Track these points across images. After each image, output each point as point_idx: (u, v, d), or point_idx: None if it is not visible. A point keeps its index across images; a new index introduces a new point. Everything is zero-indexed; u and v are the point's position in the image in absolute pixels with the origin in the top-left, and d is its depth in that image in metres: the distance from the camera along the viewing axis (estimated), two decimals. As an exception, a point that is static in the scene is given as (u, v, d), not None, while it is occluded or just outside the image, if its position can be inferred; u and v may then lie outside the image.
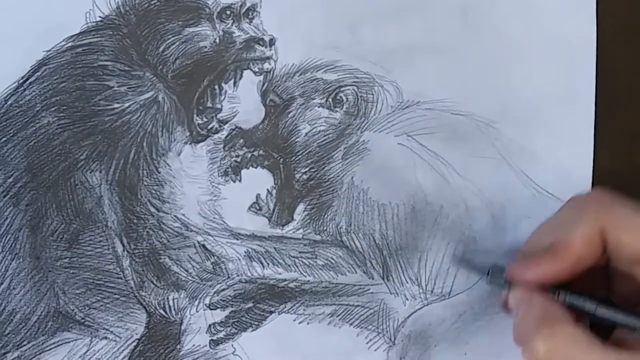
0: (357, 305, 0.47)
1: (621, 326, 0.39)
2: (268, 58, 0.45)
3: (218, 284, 0.46)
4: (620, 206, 0.39)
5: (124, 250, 0.44)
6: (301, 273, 0.47)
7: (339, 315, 0.47)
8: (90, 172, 0.44)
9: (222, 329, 0.46)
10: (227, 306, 0.46)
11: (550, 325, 0.38)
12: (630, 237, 0.39)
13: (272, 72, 0.45)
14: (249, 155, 0.45)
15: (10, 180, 0.43)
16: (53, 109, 0.43)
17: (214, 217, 0.45)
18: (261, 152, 0.45)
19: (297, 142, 0.46)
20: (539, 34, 0.47)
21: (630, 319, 0.39)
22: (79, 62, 0.43)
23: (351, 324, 0.47)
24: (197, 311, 0.46)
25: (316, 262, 0.47)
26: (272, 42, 0.45)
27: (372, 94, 0.46)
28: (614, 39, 0.47)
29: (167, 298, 0.45)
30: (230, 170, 0.45)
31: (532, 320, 0.40)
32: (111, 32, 0.43)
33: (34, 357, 0.44)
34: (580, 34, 0.47)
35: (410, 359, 0.48)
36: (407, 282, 0.47)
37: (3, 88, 0.42)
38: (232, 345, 0.46)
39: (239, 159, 0.45)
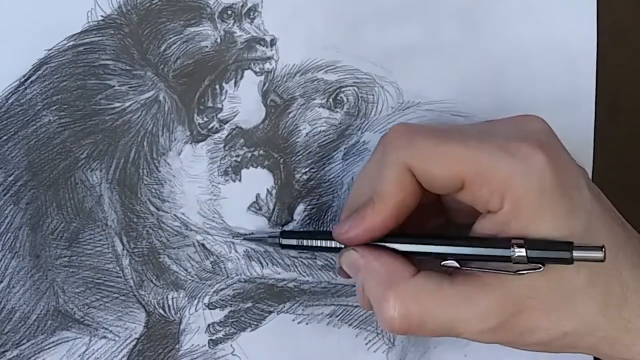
0: (357, 306, 0.47)
1: (462, 259, 0.37)
2: (269, 58, 0.45)
3: (217, 283, 0.46)
4: (420, 137, 0.37)
5: (123, 249, 0.44)
6: (300, 273, 0.47)
7: (338, 316, 0.47)
8: (91, 171, 0.44)
9: (221, 328, 0.46)
10: (226, 306, 0.46)
11: (393, 286, 0.37)
12: (437, 168, 0.36)
13: (273, 72, 0.45)
14: (249, 155, 0.45)
15: (11, 178, 0.43)
16: (54, 107, 0.43)
17: (214, 217, 0.45)
18: (261, 152, 0.45)
19: (297, 142, 0.46)
20: (540, 36, 0.47)
21: (464, 250, 0.37)
22: (80, 61, 0.43)
23: (350, 325, 0.47)
24: (196, 311, 0.46)
25: (315, 262, 0.47)
26: (273, 42, 0.45)
27: (373, 95, 0.46)
28: (614, 40, 0.47)
29: (167, 297, 0.45)
30: (230, 169, 0.45)
31: (375, 284, 0.38)
32: (113, 32, 0.43)
33: (33, 355, 0.44)
34: (580, 35, 0.47)
35: (409, 360, 0.48)
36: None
37: (4, 86, 0.42)
38: (231, 345, 0.46)
39: (239, 159, 0.45)
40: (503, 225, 0.36)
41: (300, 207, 0.46)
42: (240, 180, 0.45)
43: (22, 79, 0.42)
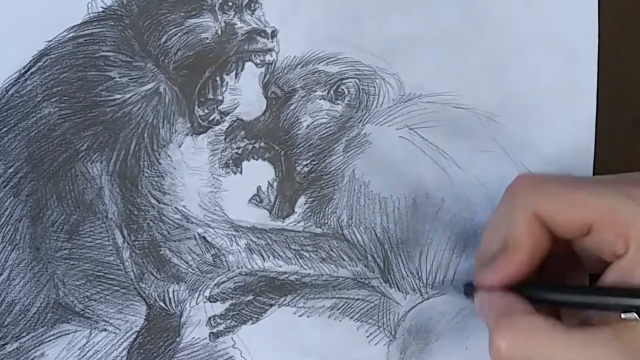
0: (358, 299, 0.47)
1: (584, 307, 0.38)
2: (270, 50, 0.45)
3: (218, 276, 0.46)
4: (547, 185, 0.38)
5: (124, 242, 0.44)
6: (302, 266, 0.46)
7: (339, 309, 0.47)
8: (91, 163, 0.43)
9: (222, 321, 0.46)
10: (227, 299, 0.46)
11: (507, 318, 0.38)
12: (564, 215, 0.37)
13: (273, 64, 0.45)
14: (250, 147, 0.45)
15: (11, 170, 0.42)
16: (54, 99, 0.43)
17: (215, 209, 0.45)
18: (262, 144, 0.45)
19: (298, 134, 0.46)
20: (541, 28, 0.47)
21: (589, 299, 0.38)
22: (80, 52, 0.43)
23: (351, 318, 0.47)
24: (197, 303, 0.45)
25: (317, 255, 0.47)
26: (274, 34, 0.44)
27: (374, 87, 0.46)
28: (616, 32, 0.47)
29: (167, 290, 0.45)
30: (231, 162, 0.45)
31: (491, 318, 0.39)
32: (113, 23, 0.43)
33: (33, 348, 0.43)
34: (582, 27, 0.47)
35: (411, 353, 0.47)
36: (408, 276, 0.47)
37: (4, 78, 0.42)
38: (232, 337, 0.46)
39: (239, 151, 0.45)
40: (628, 270, 0.36)
41: (302, 200, 0.46)
42: (241, 172, 0.45)
43: (22, 71, 0.42)
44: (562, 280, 0.42)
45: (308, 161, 0.46)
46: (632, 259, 0.36)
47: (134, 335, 0.45)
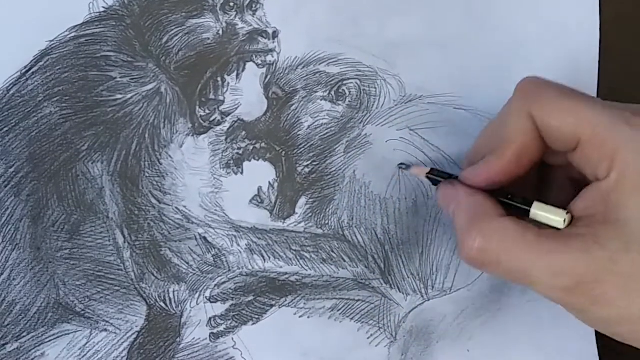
0: (358, 300, 0.47)
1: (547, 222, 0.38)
2: (271, 50, 0.45)
3: (219, 276, 0.46)
4: (546, 90, 0.38)
5: (124, 242, 0.44)
6: (302, 267, 0.46)
7: (339, 310, 0.47)
8: (92, 163, 0.43)
9: (222, 322, 0.46)
10: (227, 299, 0.46)
11: (480, 220, 0.38)
12: (557, 121, 0.37)
13: (274, 65, 0.45)
14: (251, 147, 0.45)
15: (12, 170, 0.42)
16: (55, 99, 0.43)
17: (216, 210, 0.45)
18: (263, 144, 0.45)
19: (299, 135, 0.46)
20: (542, 28, 0.47)
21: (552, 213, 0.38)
22: (81, 52, 0.43)
23: (352, 319, 0.47)
24: (197, 304, 0.45)
25: (318, 256, 0.46)
26: (275, 34, 0.45)
27: (375, 88, 0.46)
28: (617, 32, 0.47)
29: (168, 290, 0.45)
30: (232, 162, 0.45)
31: (463, 217, 0.39)
32: (114, 23, 0.43)
33: (34, 348, 0.43)
34: (583, 28, 0.47)
35: (412, 355, 0.47)
36: (409, 277, 0.47)
37: (5, 78, 0.42)
38: (232, 338, 0.46)
39: (240, 152, 0.45)
40: (604, 195, 0.36)
41: (302, 200, 0.46)
42: (242, 173, 0.45)
43: (24, 70, 0.42)
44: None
45: (309, 162, 0.46)
46: (610, 186, 0.36)
47: (134, 336, 0.45)
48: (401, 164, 0.45)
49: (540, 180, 0.42)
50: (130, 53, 0.43)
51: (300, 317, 0.46)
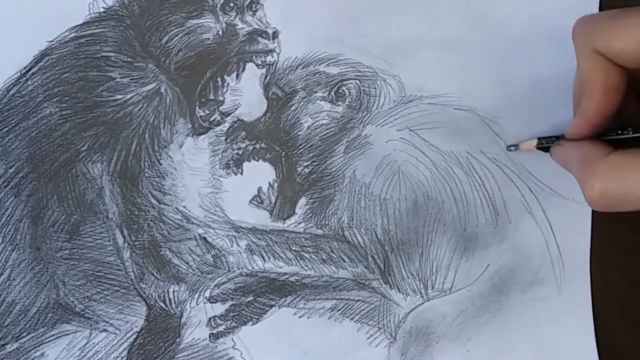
0: (358, 300, 0.47)
1: None
2: (271, 51, 0.45)
3: (218, 277, 0.46)
4: (598, 21, 0.39)
5: (124, 242, 0.44)
6: (302, 267, 0.46)
7: (339, 310, 0.47)
8: (92, 164, 0.43)
9: (222, 322, 0.46)
10: (227, 299, 0.46)
11: (592, 162, 0.38)
12: (620, 42, 0.37)
13: (274, 65, 0.45)
14: (251, 148, 0.45)
15: (12, 170, 0.42)
16: (55, 99, 0.43)
17: (215, 210, 0.45)
18: (263, 145, 0.45)
19: (299, 135, 0.46)
20: (542, 28, 0.47)
21: None
22: (81, 52, 0.43)
23: (352, 319, 0.47)
24: (197, 304, 0.45)
25: (317, 256, 0.46)
26: (275, 34, 0.45)
27: (375, 88, 0.46)
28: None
29: (168, 291, 0.45)
30: (231, 162, 0.45)
31: (576, 166, 0.40)
32: (114, 23, 0.43)
33: (33, 348, 0.43)
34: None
35: (411, 355, 0.47)
36: (408, 277, 0.47)
37: (5, 78, 0.42)
38: (232, 338, 0.46)
39: (240, 152, 0.45)
40: None
41: (302, 201, 0.46)
42: (241, 173, 0.45)
43: (24, 71, 0.42)
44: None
45: (309, 162, 0.46)
46: None
47: (134, 336, 0.45)
48: (509, 145, 0.46)
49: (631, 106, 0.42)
50: (130, 53, 0.43)
51: (300, 317, 0.46)
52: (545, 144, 0.44)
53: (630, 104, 0.41)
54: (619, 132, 0.40)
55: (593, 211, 0.47)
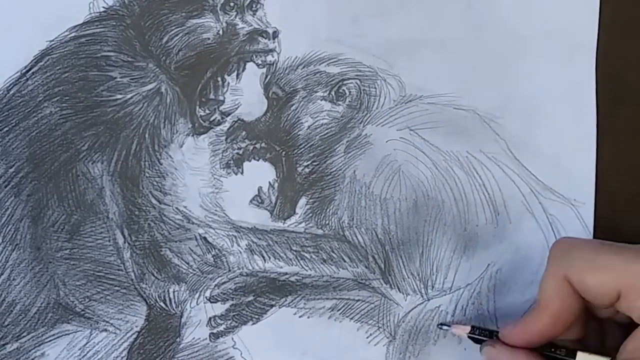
0: (358, 300, 0.47)
1: None
2: (271, 50, 0.45)
3: (219, 276, 0.46)
4: (579, 249, 0.39)
5: (124, 242, 0.44)
6: (302, 267, 0.46)
7: (339, 310, 0.47)
8: (92, 163, 0.43)
9: (222, 322, 0.46)
10: (227, 299, 0.46)
11: None
12: (593, 279, 0.38)
13: (275, 65, 0.45)
14: (251, 147, 0.45)
15: (12, 170, 0.42)
16: (55, 99, 0.43)
17: (216, 210, 0.45)
18: (263, 144, 0.45)
19: (299, 135, 0.46)
20: (542, 28, 0.47)
21: None
22: (82, 52, 0.43)
23: (352, 319, 0.47)
24: (197, 304, 0.45)
25: (318, 256, 0.46)
26: (275, 34, 0.45)
27: (375, 88, 0.46)
28: (616, 32, 0.47)
29: (168, 291, 0.45)
30: (232, 162, 0.45)
31: None
32: (114, 23, 0.43)
33: (34, 348, 0.43)
34: (581, 28, 0.47)
35: (410, 354, 0.47)
36: (409, 277, 0.47)
37: (6, 77, 0.42)
38: (232, 338, 0.46)
39: (241, 152, 0.45)
40: None
41: (302, 201, 0.46)
42: (242, 173, 0.45)
43: (24, 70, 0.42)
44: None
45: (309, 162, 0.46)
46: None
47: (134, 336, 0.45)
48: (440, 324, 0.46)
49: (587, 325, 0.42)
50: (131, 53, 0.43)
51: (300, 317, 0.47)
52: (478, 334, 0.44)
53: (589, 326, 0.41)
54: (552, 349, 0.40)
55: (595, 212, 0.47)
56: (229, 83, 0.45)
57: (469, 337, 0.44)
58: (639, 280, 0.37)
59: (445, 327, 0.46)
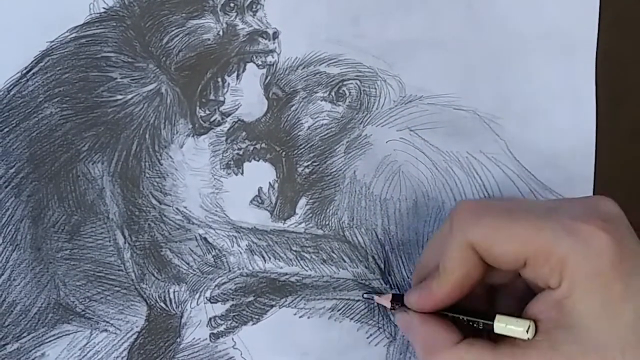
0: (358, 300, 0.47)
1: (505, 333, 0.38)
2: (271, 51, 0.45)
3: (219, 277, 0.46)
4: (485, 216, 0.38)
5: (125, 243, 0.44)
6: (302, 267, 0.46)
7: (339, 310, 0.47)
8: (93, 164, 0.43)
9: (222, 322, 0.46)
10: (227, 299, 0.46)
11: (435, 353, 0.38)
12: (499, 248, 0.37)
13: (275, 65, 0.45)
14: (251, 148, 0.45)
15: (12, 171, 0.42)
16: (56, 99, 0.43)
17: (216, 210, 0.45)
18: (263, 145, 0.45)
19: (299, 135, 0.46)
20: (542, 29, 0.47)
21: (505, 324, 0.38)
22: (82, 53, 0.43)
23: (352, 319, 0.47)
24: (197, 304, 0.45)
25: (318, 256, 0.47)
26: (275, 35, 0.45)
27: (375, 88, 0.46)
28: (616, 33, 0.47)
29: (168, 291, 0.45)
30: (232, 163, 0.45)
31: (418, 347, 0.40)
32: (115, 24, 0.43)
33: (34, 349, 0.43)
34: (581, 29, 0.47)
35: (410, 354, 0.47)
36: (409, 277, 0.47)
37: (6, 78, 0.42)
38: (232, 338, 0.46)
39: (241, 152, 0.45)
40: (557, 302, 0.37)
41: (303, 201, 0.46)
42: (242, 173, 0.45)
43: (24, 71, 0.42)
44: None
45: (309, 162, 0.46)
46: (562, 293, 0.36)
47: (134, 336, 0.45)
48: (365, 293, 0.46)
49: (490, 289, 0.42)
50: (131, 54, 0.43)
51: (300, 317, 0.47)
52: (397, 304, 0.43)
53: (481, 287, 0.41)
54: (462, 317, 0.39)
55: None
56: (229, 84, 0.45)
57: (391, 307, 0.44)
58: (545, 247, 0.36)
59: (367, 296, 0.46)
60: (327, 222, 0.46)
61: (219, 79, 0.44)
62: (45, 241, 0.43)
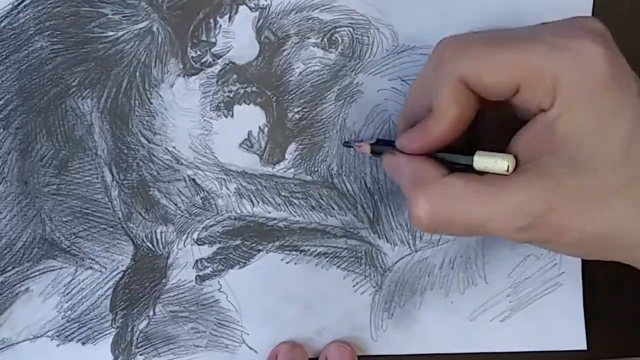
0: (346, 248, 0.47)
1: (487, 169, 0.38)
2: (264, -7, 0.45)
3: (207, 219, 0.46)
4: (471, 48, 0.37)
5: (112, 180, 0.44)
6: (291, 213, 0.46)
7: (327, 257, 0.47)
8: (82, 99, 0.43)
9: (209, 265, 0.46)
10: (215, 242, 0.46)
11: (422, 185, 0.38)
12: (490, 77, 0.36)
13: (267, 9, 0.45)
14: (242, 91, 0.45)
15: (1, 102, 0.42)
16: (46, 33, 0.42)
17: (205, 152, 0.45)
18: (254, 88, 0.45)
19: (290, 80, 0.46)
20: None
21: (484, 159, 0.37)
22: (74, -13, 0.43)
23: (338, 267, 0.47)
24: (184, 246, 0.45)
25: (306, 202, 0.46)
26: (269, -23, 0.44)
27: (368, 37, 0.46)
28: (615, 32, 0.46)
29: (155, 231, 0.45)
30: (222, 105, 0.45)
31: (406, 185, 0.39)
32: (108, -41, 0.43)
33: (18, 283, 0.43)
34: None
35: (396, 304, 0.47)
36: (397, 228, 0.47)
37: (-3, 9, 0.42)
38: (218, 281, 0.46)
39: (231, 95, 0.45)
40: (549, 123, 0.36)
41: (292, 147, 0.46)
42: (232, 116, 0.45)
43: (16, 3, 0.42)
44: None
45: (299, 108, 0.46)
46: (555, 112, 0.35)
47: (120, 275, 0.45)
48: (345, 142, 0.46)
49: (474, 126, 0.40)
50: (123, -10, 0.43)
51: (287, 263, 0.46)
52: (379, 150, 0.43)
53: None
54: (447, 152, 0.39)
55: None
56: (221, 25, 0.44)
57: (371, 151, 0.43)
58: (538, 67, 0.35)
59: (347, 144, 0.45)
60: (316, 169, 0.46)
61: (211, 20, 0.44)
62: (32, 175, 0.43)
